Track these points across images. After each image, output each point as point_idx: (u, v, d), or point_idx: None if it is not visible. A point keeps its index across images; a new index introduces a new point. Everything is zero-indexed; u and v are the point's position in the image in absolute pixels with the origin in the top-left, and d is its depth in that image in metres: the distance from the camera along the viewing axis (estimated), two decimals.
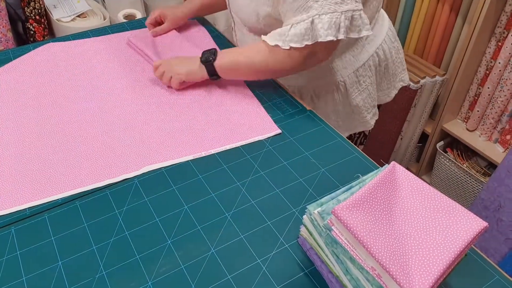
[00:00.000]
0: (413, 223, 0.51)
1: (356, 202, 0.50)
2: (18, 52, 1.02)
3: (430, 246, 0.48)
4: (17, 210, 0.66)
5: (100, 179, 0.71)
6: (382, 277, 0.48)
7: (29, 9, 1.37)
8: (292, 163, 0.75)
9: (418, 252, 0.48)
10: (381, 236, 0.48)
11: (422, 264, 0.46)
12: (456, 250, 0.47)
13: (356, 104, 0.99)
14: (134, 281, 0.57)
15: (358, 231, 0.48)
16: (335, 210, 0.50)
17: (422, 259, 0.47)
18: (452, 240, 0.48)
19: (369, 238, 0.48)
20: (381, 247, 0.47)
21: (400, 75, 1.07)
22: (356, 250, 0.49)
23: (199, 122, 0.83)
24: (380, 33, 0.98)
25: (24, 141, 0.78)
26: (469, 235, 0.48)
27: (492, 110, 1.49)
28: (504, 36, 1.39)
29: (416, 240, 0.49)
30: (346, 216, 0.49)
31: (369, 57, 0.96)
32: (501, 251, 1.27)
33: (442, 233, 0.49)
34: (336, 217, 0.50)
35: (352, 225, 0.48)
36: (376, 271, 0.48)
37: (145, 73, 0.96)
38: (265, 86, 0.93)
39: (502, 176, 1.23)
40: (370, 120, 1.05)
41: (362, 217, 0.49)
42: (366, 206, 0.51)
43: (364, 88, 0.98)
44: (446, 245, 0.48)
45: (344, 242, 0.50)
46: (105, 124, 0.82)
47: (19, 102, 0.87)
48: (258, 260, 0.60)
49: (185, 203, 0.68)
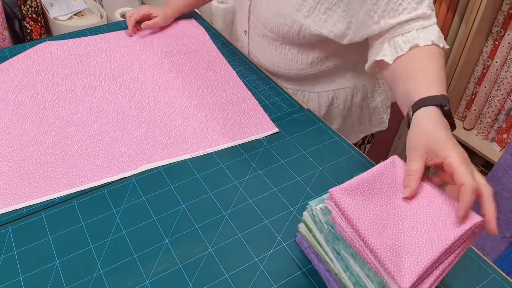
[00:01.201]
0: (409, 214, 0.51)
1: (354, 186, 0.51)
2: (15, 51, 1.01)
3: (423, 237, 0.48)
4: (14, 209, 0.66)
5: (97, 178, 0.71)
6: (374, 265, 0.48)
7: (26, 7, 1.37)
8: (290, 162, 0.75)
9: (410, 242, 0.48)
10: (375, 222, 0.49)
11: (413, 254, 0.47)
12: (448, 242, 0.48)
13: (375, 106, 1.01)
14: (132, 280, 0.57)
15: (352, 215, 0.48)
16: (332, 191, 0.50)
17: (413, 249, 0.47)
18: (446, 232, 0.48)
19: (363, 223, 0.48)
20: (374, 234, 0.47)
21: None
22: (359, 244, 0.49)
23: (196, 121, 0.82)
24: None
25: (21, 140, 0.77)
26: (463, 228, 0.49)
27: (489, 109, 1.50)
28: (501, 35, 1.39)
29: (410, 231, 0.49)
30: (343, 199, 0.49)
31: None
32: (498, 249, 1.28)
33: (436, 226, 0.49)
34: (333, 199, 0.50)
35: (347, 208, 0.49)
36: (372, 262, 0.48)
37: (142, 72, 0.96)
38: (262, 85, 0.93)
39: (498, 175, 1.24)
40: (386, 119, 1.06)
41: (358, 202, 0.50)
42: (363, 192, 0.51)
43: (383, 90, 1.00)
44: (439, 236, 0.48)
45: (347, 237, 0.50)
46: (101, 123, 0.82)
47: (15, 101, 0.86)
48: (256, 259, 0.60)
49: (183, 202, 0.68)
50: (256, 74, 0.96)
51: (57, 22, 1.44)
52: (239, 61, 1.00)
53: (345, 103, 0.97)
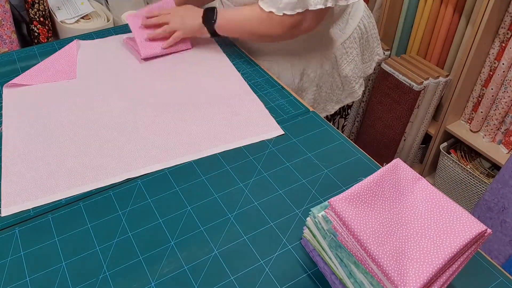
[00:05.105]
0: (412, 221, 0.50)
1: (355, 194, 0.50)
2: (22, 54, 1.02)
3: (427, 244, 0.48)
4: (21, 210, 0.66)
5: (103, 180, 0.71)
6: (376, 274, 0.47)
7: (33, 11, 1.38)
8: (295, 164, 0.75)
9: (414, 250, 0.47)
10: (378, 230, 0.48)
11: (418, 261, 0.46)
12: (453, 249, 0.47)
13: (346, 74, 1.07)
14: (137, 282, 0.58)
15: (353, 224, 0.47)
16: (332, 201, 0.49)
17: (418, 256, 0.46)
18: (450, 240, 0.48)
19: (365, 232, 0.47)
20: (377, 242, 0.47)
21: (376, 49, 1.17)
22: (360, 254, 0.49)
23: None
24: (359, 8, 1.08)
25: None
26: (467, 237, 0.48)
27: (496, 111, 1.49)
28: (507, 37, 1.38)
29: (414, 238, 0.48)
30: (343, 209, 0.48)
31: (353, 30, 1.05)
32: (505, 252, 1.26)
33: (440, 233, 0.49)
34: (333, 209, 0.49)
35: (348, 218, 0.48)
36: (374, 272, 0.48)
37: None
38: (268, 88, 0.93)
39: (506, 177, 1.23)
40: (358, 90, 1.14)
41: (360, 210, 0.49)
42: (365, 199, 0.50)
43: (352, 59, 1.07)
44: (444, 244, 0.47)
45: (349, 246, 0.50)
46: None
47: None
48: (261, 261, 0.60)
49: (188, 204, 0.68)
50: (261, 76, 0.96)
51: (64, 25, 1.45)
52: (244, 63, 1.00)
53: (316, 71, 1.04)
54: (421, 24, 1.63)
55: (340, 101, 1.14)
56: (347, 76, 1.08)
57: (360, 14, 1.07)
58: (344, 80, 1.08)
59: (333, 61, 1.04)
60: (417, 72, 1.59)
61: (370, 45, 1.14)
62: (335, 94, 1.11)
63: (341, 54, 1.04)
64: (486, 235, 0.50)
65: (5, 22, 1.30)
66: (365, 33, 1.09)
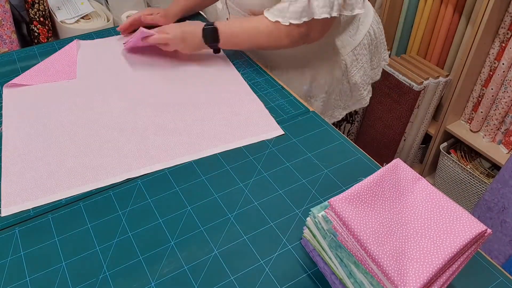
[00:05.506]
0: (412, 221, 0.50)
1: (355, 194, 0.50)
2: (22, 54, 1.02)
3: (427, 244, 0.48)
4: (21, 210, 0.66)
5: (103, 180, 0.71)
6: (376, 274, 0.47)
7: (33, 11, 1.38)
8: (295, 164, 0.75)
9: (414, 250, 0.47)
10: (378, 230, 0.48)
11: (418, 261, 0.46)
12: (453, 249, 0.47)
13: (355, 81, 1.07)
14: (137, 282, 0.58)
15: (353, 224, 0.48)
16: (332, 201, 0.49)
17: (418, 256, 0.47)
18: (450, 240, 0.48)
19: (365, 232, 0.47)
20: (377, 242, 0.47)
21: (383, 54, 1.18)
22: (360, 254, 0.49)
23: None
24: (369, 14, 1.08)
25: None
26: (467, 237, 0.48)
27: (496, 111, 1.49)
28: (507, 37, 1.38)
29: (414, 238, 0.49)
30: (343, 209, 0.48)
31: (363, 37, 1.05)
32: (505, 252, 1.26)
33: (440, 233, 0.49)
34: (333, 209, 0.49)
35: (348, 218, 0.48)
36: (374, 272, 0.48)
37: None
38: (268, 88, 0.93)
39: (506, 177, 1.23)
40: (366, 96, 1.13)
41: (360, 210, 0.49)
42: (365, 199, 0.50)
43: (361, 66, 1.07)
44: (444, 244, 0.47)
45: (349, 246, 0.50)
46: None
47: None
48: (261, 261, 0.60)
49: (188, 204, 0.68)
50: (262, 76, 0.96)
51: (64, 26, 1.45)
52: (244, 63, 1.00)
53: (326, 78, 1.03)
54: (421, 24, 1.63)
55: (348, 107, 1.13)
56: (356, 83, 1.07)
57: (370, 20, 1.07)
58: (353, 87, 1.08)
59: (344, 68, 1.04)
60: (417, 72, 1.59)
61: (378, 50, 1.14)
62: (343, 101, 1.11)
63: (351, 61, 1.04)
64: (486, 235, 0.50)
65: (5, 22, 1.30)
66: (374, 39, 1.09)
